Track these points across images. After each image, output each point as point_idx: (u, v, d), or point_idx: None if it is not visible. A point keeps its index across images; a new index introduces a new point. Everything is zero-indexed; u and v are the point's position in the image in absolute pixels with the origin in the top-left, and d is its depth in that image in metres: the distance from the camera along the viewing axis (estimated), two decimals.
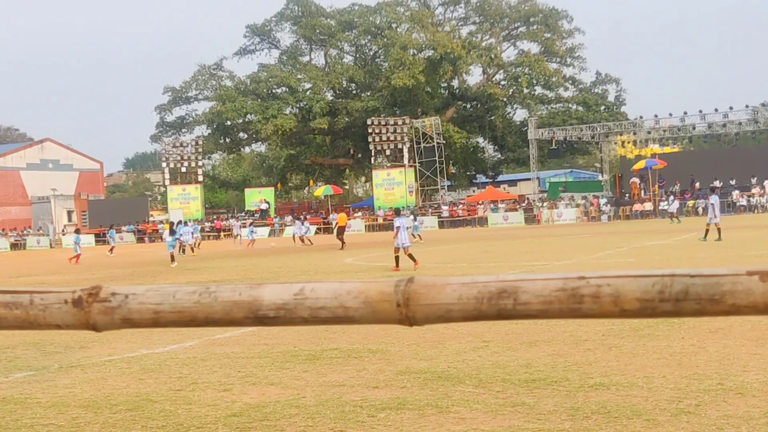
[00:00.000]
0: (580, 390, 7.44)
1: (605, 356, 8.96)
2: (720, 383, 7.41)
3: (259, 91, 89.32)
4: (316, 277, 23.00)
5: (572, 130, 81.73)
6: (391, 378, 8.38)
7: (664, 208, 68.50)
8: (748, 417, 6.28)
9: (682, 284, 1.56)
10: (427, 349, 9.87)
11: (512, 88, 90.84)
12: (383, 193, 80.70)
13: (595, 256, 25.64)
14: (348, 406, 7.25)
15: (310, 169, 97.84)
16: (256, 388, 8.26)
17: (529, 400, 7.13)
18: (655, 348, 9.24)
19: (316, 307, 1.77)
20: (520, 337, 10.25)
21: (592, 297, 1.62)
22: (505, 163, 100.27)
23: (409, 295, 1.75)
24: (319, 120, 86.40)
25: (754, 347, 8.94)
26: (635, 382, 7.66)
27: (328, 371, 8.93)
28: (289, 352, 10.24)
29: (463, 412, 6.87)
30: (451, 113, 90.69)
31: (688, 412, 6.50)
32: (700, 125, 75.89)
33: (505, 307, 1.71)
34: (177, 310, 1.85)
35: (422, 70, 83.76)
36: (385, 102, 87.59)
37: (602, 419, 6.43)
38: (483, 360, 9.09)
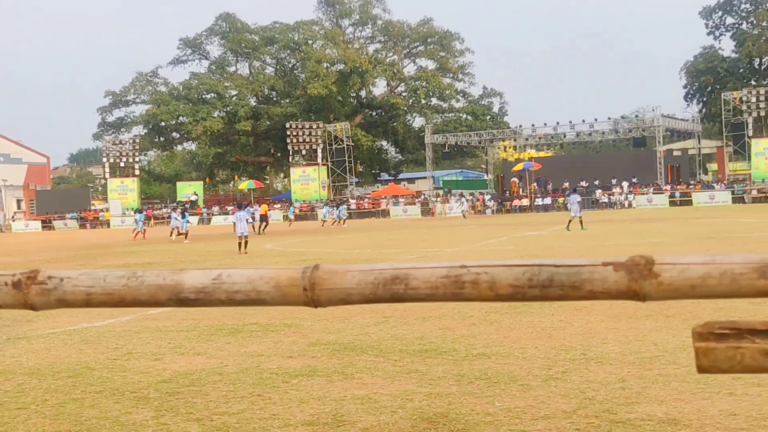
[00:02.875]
0: (465, 359, 7.49)
1: (487, 330, 9.05)
2: (583, 353, 7.54)
3: (191, 96, 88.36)
4: (239, 260, 22.77)
5: (462, 136, 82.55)
6: (304, 348, 8.33)
7: (538, 203, 69.78)
8: (606, 382, 6.40)
9: (549, 273, 1.57)
10: (336, 323, 9.85)
11: (412, 98, 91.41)
12: (300, 188, 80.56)
13: (480, 244, 25.92)
14: (265, 374, 7.18)
15: (235, 165, 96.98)
16: (185, 358, 8.14)
17: (422, 368, 7.16)
18: (529, 323, 9.37)
19: (232, 290, 1.74)
20: (415, 313, 10.29)
21: (471, 283, 1.62)
22: (405, 164, 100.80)
23: (315, 280, 1.73)
24: (243, 123, 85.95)
25: (612, 323, 9.13)
26: (512, 352, 7.75)
27: (248, 343, 8.84)
28: (214, 326, 10.11)
29: (366, 378, 6.87)
30: (359, 119, 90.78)
31: (556, 378, 6.60)
32: (570, 134, 77.38)
33: (397, 292, 1.70)
34: (107, 293, 1.80)
35: (334, 81, 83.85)
36: (301, 108, 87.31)
37: (484, 384, 6.49)
38: (383, 333, 9.11)
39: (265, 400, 6.28)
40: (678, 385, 6.18)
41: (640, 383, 6.30)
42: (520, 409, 5.72)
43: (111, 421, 5.84)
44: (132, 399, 6.49)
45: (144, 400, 6.43)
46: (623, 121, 79.29)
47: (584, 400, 5.89)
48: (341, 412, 5.82)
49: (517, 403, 5.86)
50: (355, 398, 6.20)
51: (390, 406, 5.93)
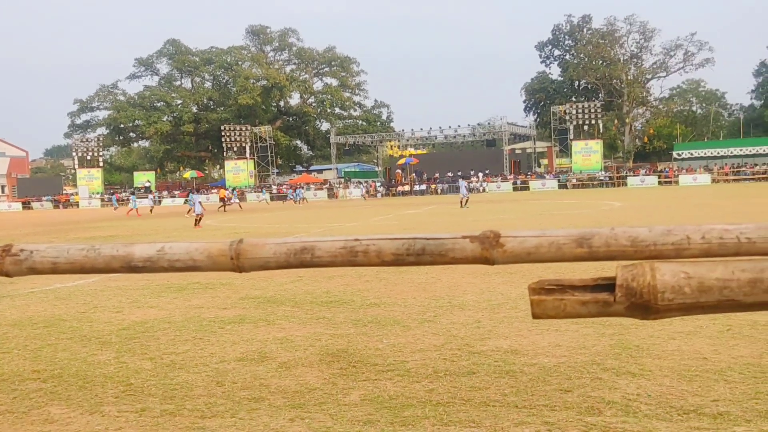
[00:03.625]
0: (361, 307, 7.53)
1: (377, 285, 9.11)
2: (449, 302, 7.67)
3: (144, 104, 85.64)
4: (184, 234, 22.21)
5: (359, 137, 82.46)
6: (235, 302, 8.21)
7: (417, 189, 70.42)
8: (466, 323, 6.53)
9: (422, 244, 1.58)
10: (260, 282, 9.72)
11: (320, 108, 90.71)
12: (232, 177, 79.09)
13: (373, 220, 26.03)
14: (205, 322, 7.05)
15: (181, 159, 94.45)
16: (140, 310, 7.91)
17: (327, 315, 7.15)
18: (409, 279, 9.47)
19: (173, 260, 1.68)
20: (323, 273, 10.26)
21: (363, 253, 1.61)
22: (315, 158, 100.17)
23: (239, 251, 1.68)
24: (187, 125, 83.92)
25: (471, 279, 9.31)
26: (396, 302, 7.82)
27: (191, 297, 8.65)
28: (164, 284, 9.84)
29: (284, 324, 6.83)
30: (279, 124, 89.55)
31: (429, 321, 6.70)
32: (440, 136, 78.23)
33: (305, 260, 1.67)
34: (70, 262, 1.71)
35: (259, 93, 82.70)
36: (233, 114, 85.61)
37: (375, 326, 6.53)
38: (298, 289, 9.06)
39: (205, 342, 6.16)
40: (519, 324, 6.35)
41: (491, 323, 6.46)
42: (401, 344, 5.78)
43: (80, 362, 5.62)
44: (97, 343, 6.26)
45: (107, 344, 6.21)
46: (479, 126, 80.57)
47: (450, 337, 5.99)
48: (265, 350, 5.76)
49: (400, 340, 5.93)
50: (276, 339, 6.15)
51: (303, 345, 5.90)
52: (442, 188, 69.92)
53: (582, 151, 69.26)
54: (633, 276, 1.51)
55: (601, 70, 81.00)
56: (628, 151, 79.71)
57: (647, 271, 1.49)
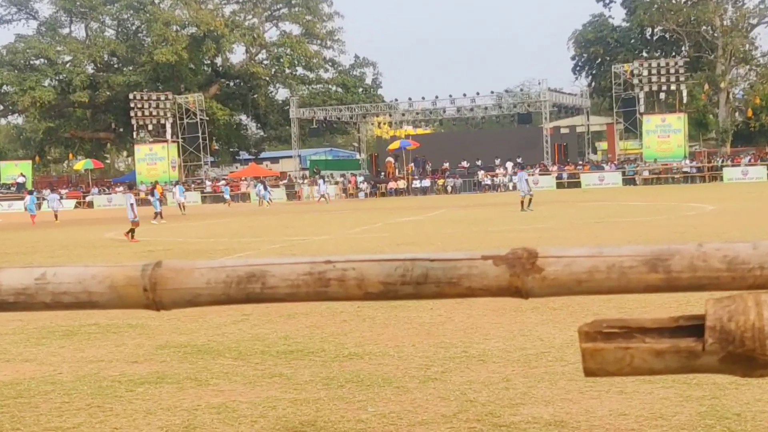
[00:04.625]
0: (335, 360, 7.53)
1: (359, 327, 9.11)
2: (464, 351, 7.68)
3: (16, 62, 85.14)
4: (75, 252, 22.15)
5: (332, 110, 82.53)
6: (151, 352, 8.20)
7: (416, 186, 70.60)
8: (489, 382, 6.54)
9: (423, 268, 1.58)
10: (188, 323, 9.71)
11: (275, 67, 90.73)
12: (146, 168, 78.78)
13: (352, 231, 26.04)
14: (106, 381, 7.04)
15: (70, 142, 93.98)
16: (10, 366, 7.87)
17: (286, 371, 7.15)
18: (406, 318, 9.48)
19: (59, 292, 1.67)
20: (280, 309, 10.25)
21: (337, 281, 1.61)
22: (268, 141, 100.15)
23: (157, 279, 1.68)
24: (79, 93, 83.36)
25: (495, 317, 9.32)
26: (387, 351, 7.83)
27: (86, 346, 8.63)
28: (45, 327, 9.81)
29: (222, 384, 6.82)
30: (215, 90, 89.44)
31: (435, 379, 6.70)
32: (450, 109, 78.40)
33: (253, 291, 1.68)
34: None
35: (185, 46, 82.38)
36: (147, 77, 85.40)
37: (356, 387, 6.53)
38: (243, 333, 9.05)
39: (106, 411, 6.14)
40: (565, 383, 6.36)
41: (525, 382, 6.46)
42: (395, 414, 5.78)
43: None
44: None
45: None
46: (507, 95, 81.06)
47: (465, 402, 5.99)
48: (194, 424, 5.75)
49: (392, 408, 5.92)
50: (210, 407, 6.13)
51: (250, 416, 5.89)
52: (454, 184, 70.12)
53: (657, 129, 69.60)
54: (730, 314, 1.52)
55: (685, 12, 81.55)
56: (723, 130, 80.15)
57: (751, 306, 1.51)
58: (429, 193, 68.63)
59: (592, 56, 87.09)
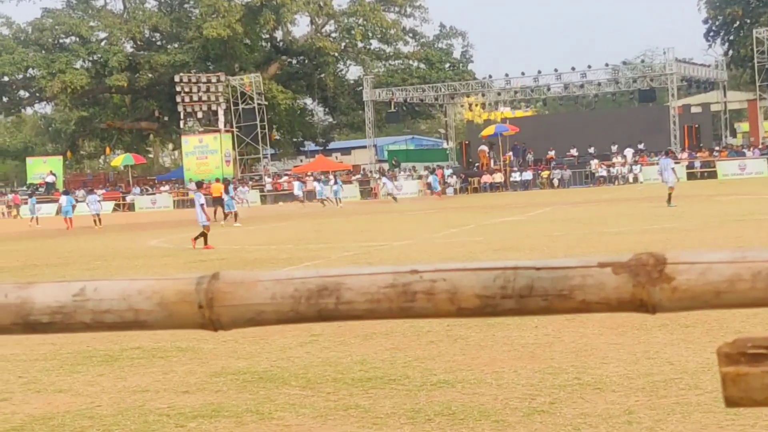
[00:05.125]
0: (421, 389, 7.52)
1: (450, 349, 9.09)
2: (577, 378, 7.62)
3: (43, 41, 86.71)
4: (114, 263, 22.55)
5: (413, 90, 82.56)
6: (204, 381, 8.29)
7: (515, 179, 70.24)
8: (607, 415, 6.48)
9: (527, 278, 1.58)
10: (247, 345, 9.80)
11: (345, 41, 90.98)
12: (195, 163, 79.58)
13: (439, 234, 26.01)
14: (152, 415, 7.14)
15: (107, 134, 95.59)
16: (42, 397, 8.04)
17: (364, 402, 7.17)
18: (506, 339, 9.43)
19: (101, 310, 1.71)
20: (354, 329, 10.29)
21: (425, 294, 1.62)
22: (338, 128, 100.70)
23: (214, 294, 1.71)
24: (116, 76, 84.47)
25: (613, 336, 9.23)
26: (483, 378, 7.80)
27: (128, 374, 8.77)
28: (82, 352, 9.99)
29: (288, 417, 6.87)
30: (275, 70, 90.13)
31: (541, 411, 6.66)
32: (555, 86, 77.91)
33: (326, 307, 1.69)
34: None
35: (240, 18, 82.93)
36: (196, 56, 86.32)
37: (446, 421, 6.52)
38: (311, 357, 9.10)
39: None
40: (701, 416, 6.28)
41: (652, 415, 6.40)
42: None
43: None
44: None
45: None
46: (625, 68, 79.96)
47: None
48: None
49: None
50: None
51: None
52: (562, 176, 69.58)
53: None
54: None
55: None
56: None
57: None
58: (531, 188, 68.23)
59: (728, 19, 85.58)
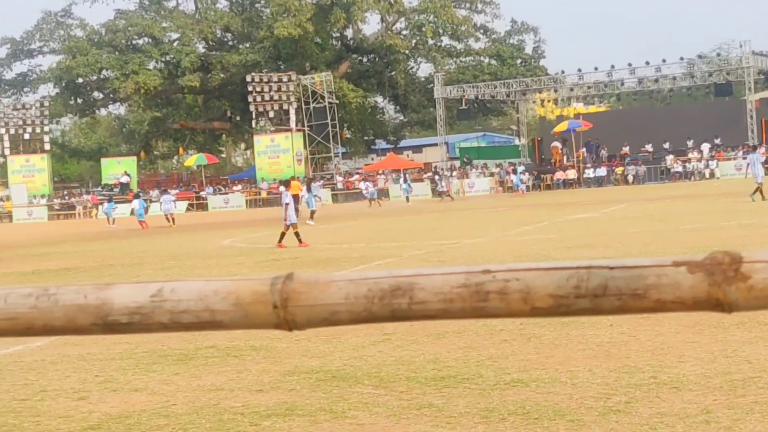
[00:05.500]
0: (495, 388, 7.50)
1: (523, 348, 9.05)
2: (653, 376, 7.55)
3: (117, 42, 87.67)
4: (188, 263, 22.76)
5: (485, 87, 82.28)
6: (278, 379, 8.34)
7: (589, 176, 69.74)
8: (684, 414, 6.42)
9: (601, 278, 1.57)
10: (320, 344, 9.83)
11: (415, 38, 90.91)
12: (267, 162, 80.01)
13: (512, 232, 25.91)
14: (227, 414, 7.19)
15: (180, 134, 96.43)
16: (118, 396, 8.14)
17: (437, 401, 7.17)
18: (580, 338, 9.37)
19: (178, 310, 1.73)
20: (427, 328, 10.28)
21: (498, 294, 1.62)
22: (409, 126, 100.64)
23: (288, 294, 1.72)
24: (189, 77, 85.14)
25: (690, 335, 9.13)
26: (557, 377, 7.76)
27: (203, 373, 8.84)
28: (157, 351, 10.08)
29: (362, 416, 6.89)
30: (345, 68, 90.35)
31: (617, 411, 6.62)
32: (629, 81, 77.14)
33: (399, 307, 1.70)
34: (9, 317, 1.79)
35: (310, 17, 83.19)
36: (267, 55, 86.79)
37: (520, 421, 6.50)
38: (384, 356, 9.11)
39: None
40: None
41: (730, 415, 6.32)
42: None
43: None
44: None
45: None
46: (701, 62, 79.16)
47: None
48: None
49: None
50: None
51: None
52: (636, 172, 68.92)
53: None
54: None
55: None
56: None
57: None
58: (605, 184, 67.72)
59: None
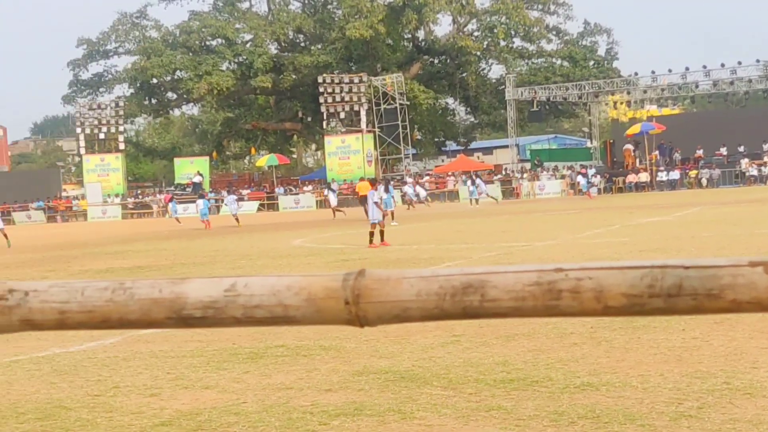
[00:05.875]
0: (564, 391, 7.47)
1: (594, 352, 8.99)
2: (726, 382, 7.47)
3: (191, 43, 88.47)
4: (259, 262, 22.92)
5: (556, 89, 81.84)
6: (347, 379, 8.37)
7: (662, 179, 69.05)
8: (758, 421, 6.34)
9: (675, 277, 1.56)
10: (388, 345, 9.85)
11: (487, 40, 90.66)
12: (337, 163, 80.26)
13: (583, 235, 25.74)
14: (296, 413, 7.23)
15: (251, 135, 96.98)
16: (189, 393, 8.22)
17: (506, 404, 7.15)
18: (652, 342, 9.29)
19: (251, 305, 1.75)
20: (496, 330, 10.26)
21: (571, 292, 1.61)
22: (479, 128, 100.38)
23: (360, 291, 1.73)
24: (261, 78, 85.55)
25: (764, 340, 9.02)
26: (628, 381, 7.70)
27: (272, 372, 8.90)
28: (227, 350, 10.17)
29: (430, 417, 6.88)
30: (416, 70, 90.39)
31: (689, 416, 6.56)
32: (703, 83, 76.22)
33: (471, 305, 1.70)
34: (86, 310, 1.82)
35: (382, 18, 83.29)
36: (338, 56, 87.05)
37: (590, 425, 6.47)
38: (453, 357, 9.09)
39: None
40: None
41: None
42: None
43: None
44: None
45: None
46: None
47: None
48: None
49: None
50: None
51: None
52: (710, 176, 68.12)
53: None
54: None
55: None
56: None
57: None
58: (678, 188, 67.00)
59: None
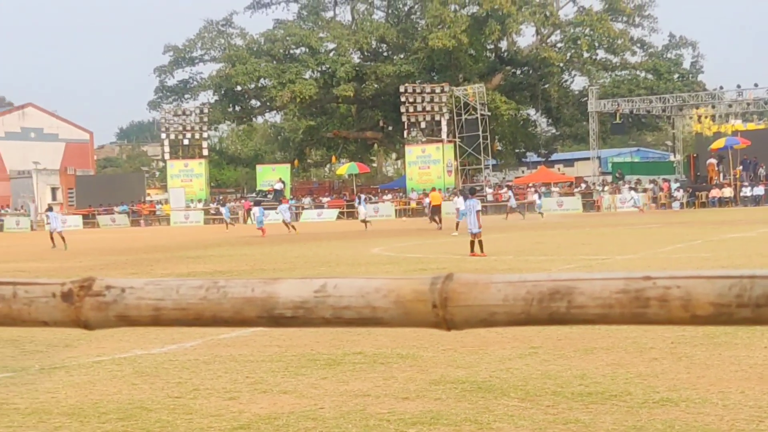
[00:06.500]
0: (643, 406, 7.41)
1: (674, 367, 8.90)
2: None
3: (275, 51, 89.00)
4: (338, 269, 23.04)
5: (640, 101, 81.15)
6: (424, 388, 8.38)
7: (746, 194, 68.04)
8: None
9: (764, 287, 1.55)
10: (466, 355, 9.84)
11: (570, 51, 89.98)
12: (417, 173, 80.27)
13: (665, 250, 25.49)
14: (373, 420, 7.26)
15: (333, 143, 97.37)
16: (267, 397, 8.30)
17: (584, 417, 7.12)
18: (733, 358, 9.17)
19: (340, 306, 1.78)
20: (575, 343, 10.20)
21: (658, 300, 1.61)
22: (561, 140, 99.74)
23: (448, 294, 1.75)
24: (343, 86, 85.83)
25: None
26: (708, 397, 7.62)
27: (350, 378, 8.94)
28: (306, 355, 10.24)
29: (507, 428, 6.88)
30: (498, 80, 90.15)
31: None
32: None
33: (557, 311, 1.71)
34: (180, 307, 1.86)
35: (465, 29, 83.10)
36: (421, 66, 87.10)
37: None
38: (531, 369, 9.06)
39: None
40: None
41: None
42: None
43: None
44: None
45: None
46: None
47: None
48: None
49: None
50: None
51: None
52: None
53: None
54: None
55: None
56: None
57: None
58: (763, 204, 65.89)
59: None
